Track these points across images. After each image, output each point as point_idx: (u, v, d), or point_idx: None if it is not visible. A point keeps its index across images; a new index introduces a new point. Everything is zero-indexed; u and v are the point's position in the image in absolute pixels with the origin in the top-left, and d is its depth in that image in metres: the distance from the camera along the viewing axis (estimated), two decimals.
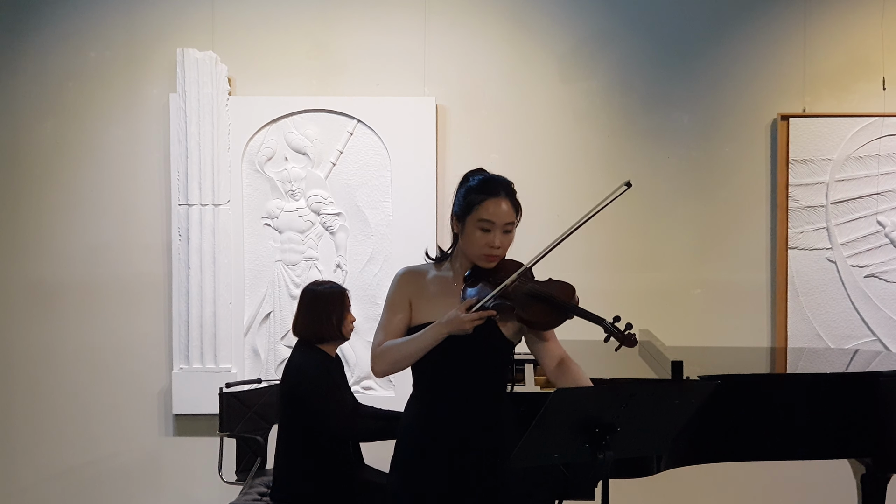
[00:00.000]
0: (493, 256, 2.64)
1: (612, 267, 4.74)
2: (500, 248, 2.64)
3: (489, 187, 2.66)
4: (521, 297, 2.61)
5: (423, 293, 2.68)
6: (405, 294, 2.68)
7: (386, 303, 2.71)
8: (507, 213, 2.65)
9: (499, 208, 2.63)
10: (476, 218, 2.62)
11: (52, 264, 4.80)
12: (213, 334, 4.68)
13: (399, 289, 2.70)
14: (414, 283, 2.70)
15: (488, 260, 2.64)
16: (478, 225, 2.62)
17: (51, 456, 4.83)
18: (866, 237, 4.66)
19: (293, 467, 3.52)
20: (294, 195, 4.71)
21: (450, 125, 4.74)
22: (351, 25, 4.75)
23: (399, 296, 2.69)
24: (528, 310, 2.61)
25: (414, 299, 2.68)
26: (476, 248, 2.63)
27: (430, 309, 2.66)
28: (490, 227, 2.62)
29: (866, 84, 4.67)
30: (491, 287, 2.60)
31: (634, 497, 4.32)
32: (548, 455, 2.68)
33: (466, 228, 2.64)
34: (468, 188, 2.68)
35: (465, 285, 2.64)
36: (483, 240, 2.62)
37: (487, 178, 2.70)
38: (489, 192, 2.64)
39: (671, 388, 2.82)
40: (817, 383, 3.45)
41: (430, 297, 2.68)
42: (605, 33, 4.73)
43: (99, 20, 4.77)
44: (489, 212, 2.62)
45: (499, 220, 2.63)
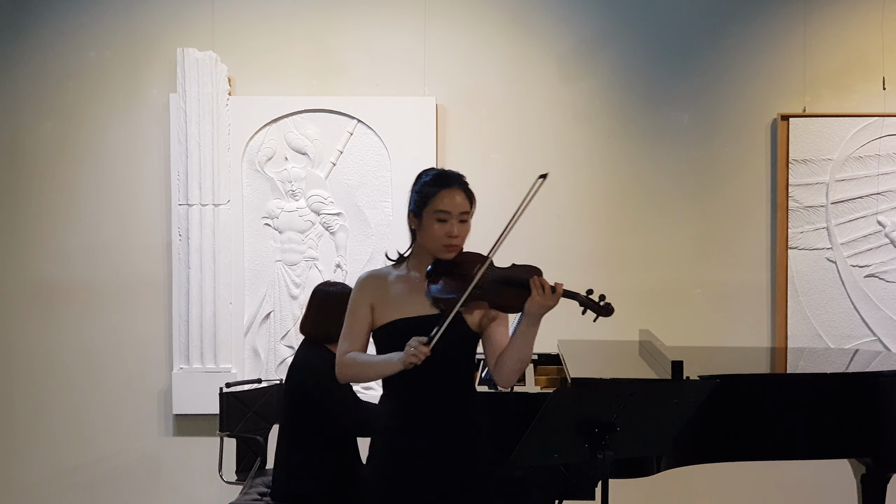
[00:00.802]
0: (452, 247, 2.69)
1: (612, 267, 4.74)
2: (458, 238, 2.70)
3: (442, 180, 2.73)
4: (491, 286, 2.66)
5: (386, 295, 2.72)
6: (366, 300, 2.72)
7: (348, 310, 2.76)
8: (461, 203, 2.71)
9: (453, 199, 2.70)
10: (432, 210, 2.68)
11: (52, 264, 4.80)
12: (213, 334, 4.68)
13: (360, 296, 2.74)
14: (376, 287, 2.74)
15: (448, 250, 2.69)
16: (434, 216, 2.68)
17: (51, 456, 4.83)
18: (866, 237, 4.66)
19: (296, 465, 3.52)
20: (294, 195, 4.71)
21: (450, 125, 4.74)
22: (351, 25, 4.75)
23: (359, 303, 2.73)
24: (500, 295, 2.65)
25: (377, 302, 2.72)
26: (435, 240, 2.68)
27: (396, 308, 2.69)
28: (446, 218, 2.68)
29: (866, 84, 4.67)
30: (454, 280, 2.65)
31: (634, 497, 4.32)
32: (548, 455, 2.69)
33: (424, 222, 2.70)
34: (422, 184, 2.74)
35: (427, 281, 2.67)
36: (441, 230, 2.67)
37: (440, 172, 2.78)
38: (442, 184, 2.71)
39: (671, 388, 2.83)
40: (817, 383, 3.45)
41: (395, 296, 2.71)
42: (605, 33, 4.73)
43: (99, 20, 4.77)
44: (444, 202, 2.68)
45: (454, 209, 2.69)
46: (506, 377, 2.70)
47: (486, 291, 2.64)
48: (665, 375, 3.22)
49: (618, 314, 2.78)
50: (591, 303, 2.66)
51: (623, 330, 4.45)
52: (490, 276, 2.67)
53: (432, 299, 2.64)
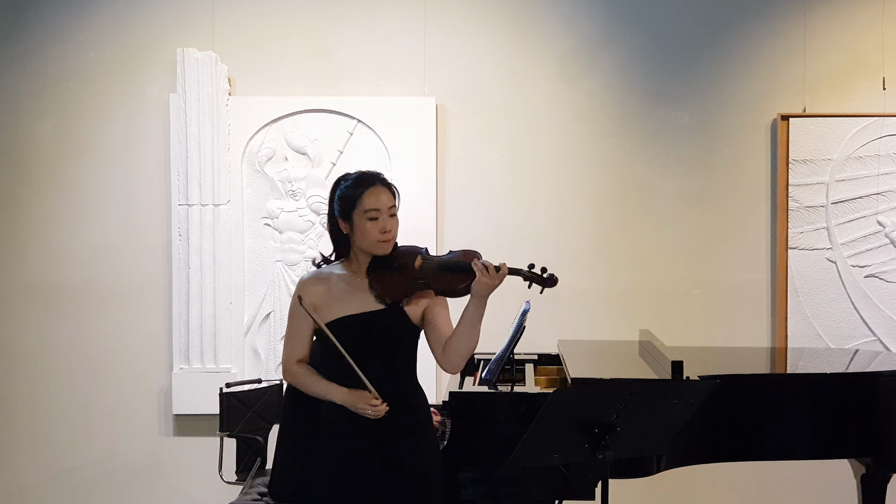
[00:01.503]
0: (386, 241, 2.81)
1: (613, 267, 4.74)
2: (390, 232, 2.82)
3: (364, 180, 2.84)
4: (432, 273, 2.81)
5: (329, 293, 2.81)
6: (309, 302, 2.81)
7: (290, 313, 2.87)
8: (387, 199, 2.82)
9: (379, 196, 2.80)
10: (361, 210, 2.79)
11: (52, 264, 4.80)
12: (213, 334, 4.68)
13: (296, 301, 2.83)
14: (317, 289, 2.83)
15: (383, 246, 2.81)
16: (365, 216, 2.78)
17: (51, 456, 4.83)
18: (866, 237, 4.66)
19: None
20: (294, 195, 4.72)
21: (450, 125, 4.74)
22: (351, 25, 4.75)
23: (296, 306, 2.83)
24: (442, 281, 2.79)
25: (320, 302, 2.81)
26: (369, 237, 2.79)
27: (341, 306, 2.80)
28: (377, 215, 2.79)
29: (866, 84, 4.67)
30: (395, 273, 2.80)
31: (634, 497, 4.32)
32: (548, 455, 2.69)
33: (355, 224, 2.80)
34: (344, 188, 2.84)
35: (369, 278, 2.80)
36: (374, 228, 2.79)
37: (359, 174, 2.87)
38: (366, 184, 2.82)
39: (671, 388, 2.83)
40: (817, 383, 3.45)
41: (338, 294, 2.81)
42: (605, 33, 4.73)
43: (99, 20, 4.77)
44: (371, 201, 2.79)
45: (382, 205, 2.80)
46: (454, 362, 2.81)
47: (431, 279, 2.80)
48: (665, 375, 3.22)
49: (618, 314, 2.80)
50: (534, 276, 2.76)
51: (623, 330, 4.46)
52: (431, 263, 2.82)
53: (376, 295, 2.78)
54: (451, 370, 2.87)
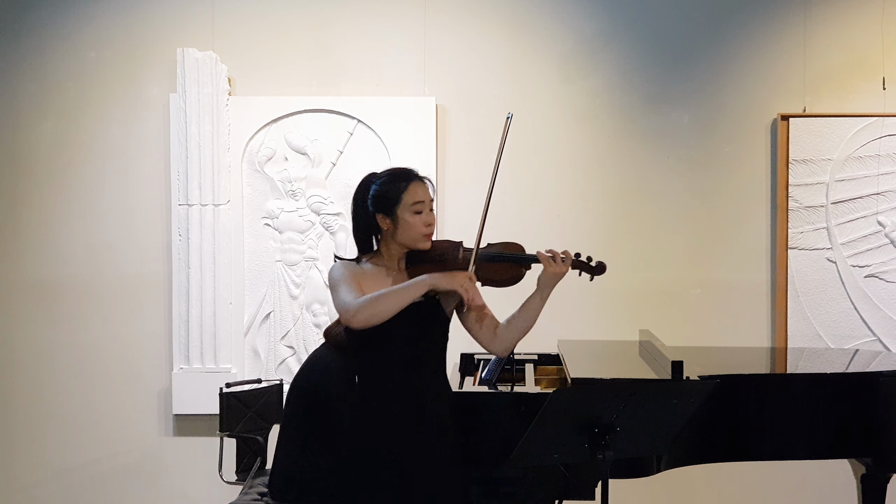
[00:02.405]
0: (430, 234, 2.83)
1: (613, 267, 4.70)
2: (433, 225, 2.83)
3: (404, 175, 2.84)
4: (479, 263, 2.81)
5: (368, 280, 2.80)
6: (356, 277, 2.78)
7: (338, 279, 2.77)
8: (427, 192, 2.83)
9: (422, 189, 2.82)
10: (407, 204, 2.79)
11: (52, 264, 4.80)
12: (213, 334, 4.68)
13: (348, 272, 2.79)
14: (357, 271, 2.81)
15: (427, 239, 2.82)
16: (411, 209, 2.79)
17: (51, 456, 4.83)
18: (866, 237, 4.66)
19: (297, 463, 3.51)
20: (294, 195, 4.72)
21: (450, 125, 4.74)
22: (351, 25, 4.75)
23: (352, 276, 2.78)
24: (490, 271, 2.83)
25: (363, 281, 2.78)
26: (414, 231, 2.79)
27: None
28: (422, 208, 2.80)
29: (866, 84, 4.67)
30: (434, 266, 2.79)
31: (634, 497, 4.32)
32: (548, 455, 2.69)
33: (400, 218, 2.79)
34: (381, 184, 2.83)
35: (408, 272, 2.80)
36: (420, 221, 2.79)
37: (395, 170, 2.88)
38: (408, 178, 2.83)
39: (671, 388, 2.83)
40: (817, 383, 3.45)
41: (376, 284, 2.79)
42: (605, 33, 4.73)
43: (99, 20, 4.77)
44: (417, 193, 2.80)
45: (426, 198, 2.81)
46: (507, 346, 2.89)
47: (477, 269, 2.80)
48: (665, 375, 3.22)
49: (618, 314, 2.81)
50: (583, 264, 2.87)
51: (623, 330, 4.46)
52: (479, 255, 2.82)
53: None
54: (502, 354, 2.95)
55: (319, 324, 4.67)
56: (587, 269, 2.86)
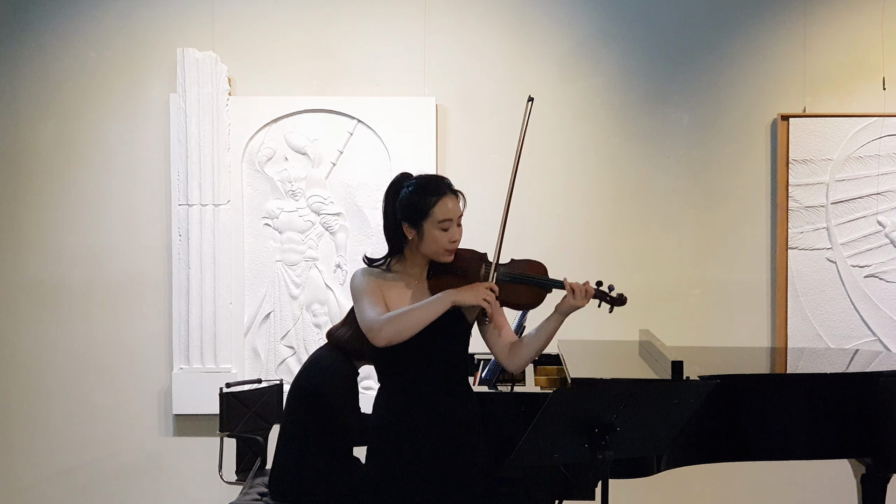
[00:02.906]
0: (453, 251, 2.79)
1: (613, 267, 4.73)
2: (457, 241, 2.80)
3: (436, 188, 2.78)
4: (501, 283, 2.77)
5: (390, 291, 2.78)
6: (378, 288, 2.77)
7: (361, 291, 2.76)
8: (457, 207, 2.78)
9: (451, 205, 2.77)
10: (435, 220, 2.74)
11: (52, 264, 4.80)
12: (213, 334, 4.68)
13: (370, 281, 2.78)
14: (380, 280, 2.79)
15: (450, 254, 2.78)
16: (438, 226, 2.74)
17: (51, 456, 4.83)
18: (866, 237, 4.66)
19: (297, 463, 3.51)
20: (294, 195, 4.72)
21: (450, 125, 4.74)
22: (351, 25, 4.75)
23: (373, 287, 2.76)
24: (512, 294, 2.78)
25: (385, 292, 2.77)
26: (438, 246, 2.75)
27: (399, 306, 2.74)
28: (448, 226, 2.75)
29: (866, 84, 4.67)
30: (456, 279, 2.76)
31: (634, 497, 4.32)
32: (548, 455, 2.69)
33: (425, 232, 2.74)
34: (411, 194, 2.76)
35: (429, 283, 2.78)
36: (444, 237, 2.75)
37: (428, 179, 2.82)
38: (439, 193, 2.76)
39: (671, 388, 2.83)
40: (817, 383, 3.45)
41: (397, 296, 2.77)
42: (605, 33, 4.73)
43: (99, 20, 4.77)
44: (446, 211, 2.75)
45: (455, 215, 2.76)
46: (521, 364, 2.86)
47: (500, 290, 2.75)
48: (665, 375, 3.22)
49: (618, 314, 2.81)
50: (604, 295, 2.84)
51: (623, 330, 4.45)
52: (500, 274, 2.79)
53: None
54: (516, 371, 2.93)
55: (319, 324, 4.67)
56: (607, 300, 2.84)
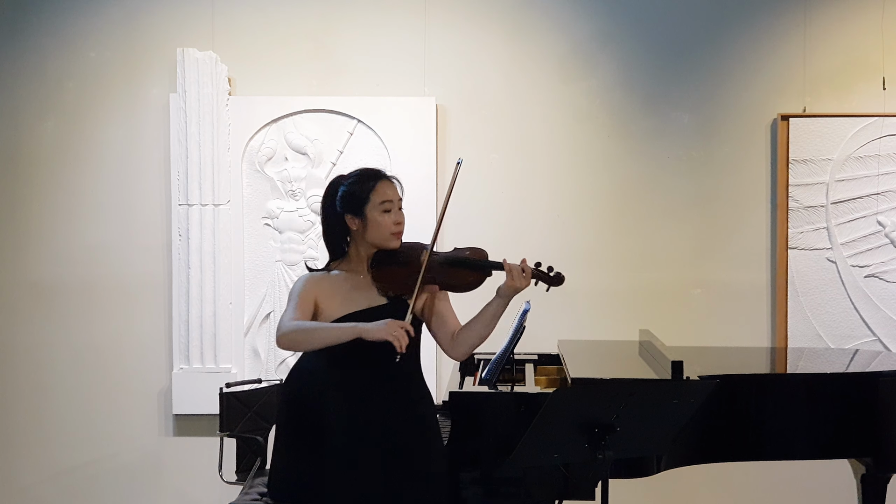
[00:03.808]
0: (399, 234, 2.85)
1: (613, 267, 4.74)
2: (402, 224, 2.86)
3: (372, 175, 2.87)
4: (439, 268, 2.82)
5: (333, 292, 2.81)
6: (312, 293, 2.80)
7: (292, 295, 2.81)
8: (396, 191, 2.86)
9: (390, 188, 2.85)
10: (375, 203, 2.81)
11: (52, 264, 4.80)
12: (213, 334, 4.68)
13: (306, 288, 2.81)
14: (321, 285, 2.83)
15: (396, 238, 2.85)
16: (380, 208, 2.81)
17: (51, 456, 4.83)
18: (866, 237, 4.66)
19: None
20: (294, 195, 4.72)
21: (450, 125, 4.74)
22: (351, 25, 4.75)
23: (307, 293, 2.80)
24: (450, 276, 2.82)
25: (323, 299, 2.80)
26: (384, 230, 2.82)
27: (345, 303, 2.80)
28: (391, 207, 2.83)
29: (866, 84, 4.67)
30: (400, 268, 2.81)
31: (634, 497, 4.32)
32: (548, 455, 2.69)
33: (368, 217, 2.81)
34: (349, 185, 2.85)
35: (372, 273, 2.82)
36: (388, 220, 2.82)
37: (363, 170, 2.90)
38: (376, 178, 2.85)
39: (671, 388, 2.83)
40: (817, 383, 3.45)
41: (341, 292, 2.81)
42: (605, 33, 4.73)
43: (99, 20, 4.77)
44: (386, 193, 2.83)
45: (395, 197, 2.85)
46: (464, 351, 2.89)
47: (437, 273, 2.81)
48: (665, 375, 3.21)
49: (618, 314, 2.81)
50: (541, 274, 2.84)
51: (623, 330, 4.45)
52: (437, 259, 2.84)
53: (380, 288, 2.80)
54: (459, 358, 2.95)
55: None
56: (546, 280, 2.84)
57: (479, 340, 2.86)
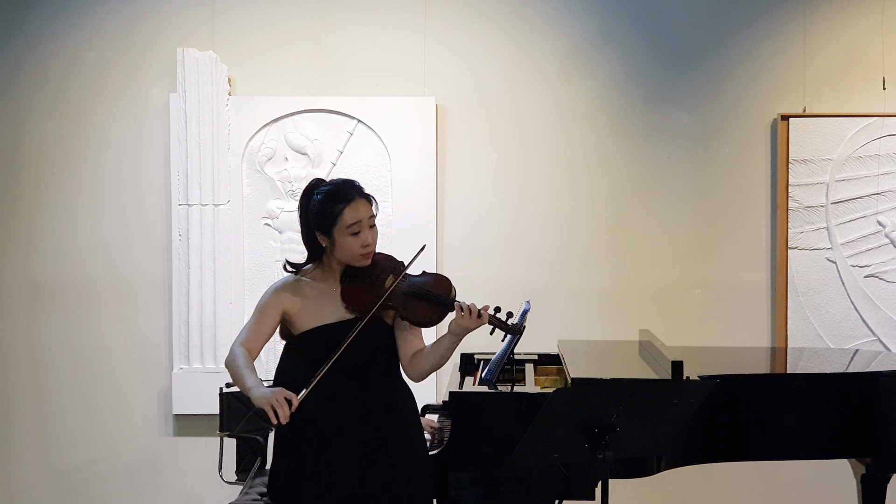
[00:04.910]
0: (368, 254, 2.81)
1: (612, 267, 4.74)
2: (371, 245, 2.81)
3: (342, 194, 2.79)
4: (400, 296, 2.80)
5: (302, 303, 2.81)
6: (279, 306, 2.81)
7: (256, 308, 2.84)
8: (366, 210, 2.80)
9: (359, 210, 2.78)
10: (343, 226, 2.77)
11: (52, 264, 4.80)
12: (213, 334, 4.68)
13: (273, 301, 2.82)
14: (292, 295, 2.82)
15: (365, 258, 2.81)
16: (347, 231, 2.77)
17: (51, 456, 4.83)
18: (866, 237, 4.66)
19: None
20: (294, 195, 4.72)
21: (450, 125, 4.74)
22: (351, 25, 4.75)
23: (272, 307, 2.82)
24: (410, 309, 2.80)
25: (292, 311, 2.81)
26: (351, 252, 2.79)
27: (314, 316, 2.80)
28: (358, 229, 2.78)
29: (866, 84, 4.67)
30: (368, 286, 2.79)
31: (634, 497, 4.32)
32: (548, 455, 2.69)
33: (336, 239, 2.78)
34: (320, 202, 2.80)
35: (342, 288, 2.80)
36: (356, 243, 2.78)
37: (335, 186, 2.83)
38: (345, 199, 2.78)
39: (671, 388, 2.83)
40: (817, 383, 3.45)
41: (311, 304, 2.81)
42: (605, 33, 4.73)
43: (99, 20, 4.77)
44: (353, 215, 2.77)
45: (363, 217, 2.78)
46: (417, 376, 2.87)
47: (398, 302, 2.79)
48: (665, 375, 3.22)
49: (618, 314, 2.81)
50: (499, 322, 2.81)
51: (623, 330, 4.46)
52: (403, 287, 2.80)
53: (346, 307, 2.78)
54: (415, 380, 2.91)
55: None
56: (502, 328, 2.82)
57: (432, 369, 2.84)
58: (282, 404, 2.58)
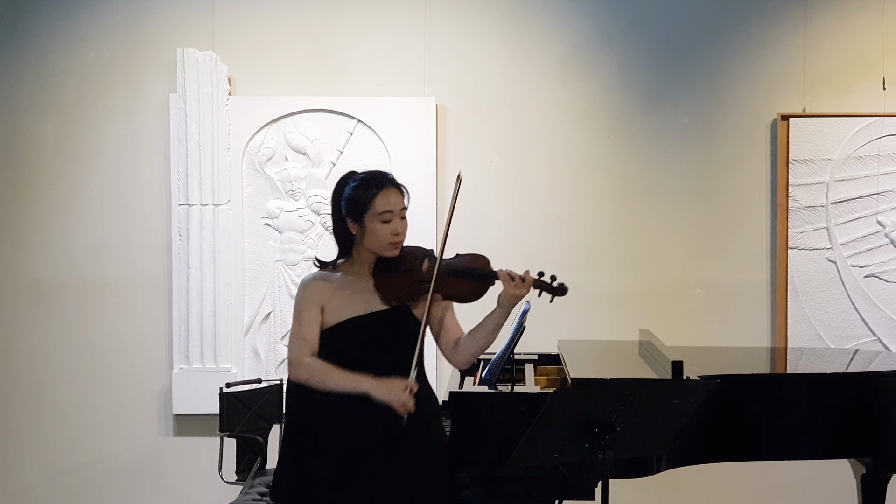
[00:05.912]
0: (398, 244, 2.80)
1: (612, 267, 4.74)
2: (401, 234, 2.81)
3: (376, 181, 2.81)
4: (443, 279, 2.80)
5: (334, 296, 2.80)
6: (316, 301, 2.80)
7: (296, 311, 2.83)
8: (399, 200, 2.80)
9: (392, 197, 2.78)
10: (375, 213, 2.77)
11: (52, 264, 4.80)
12: (213, 334, 4.68)
13: (309, 297, 2.81)
14: (323, 289, 2.82)
15: (394, 248, 2.81)
16: (378, 218, 2.77)
17: (51, 456, 4.83)
18: (866, 237, 4.66)
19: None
20: (294, 195, 4.72)
21: (450, 125, 4.74)
22: (351, 25, 4.75)
23: (310, 304, 2.80)
24: (453, 287, 2.81)
25: (326, 304, 2.80)
26: (381, 240, 2.78)
27: (346, 308, 2.79)
28: (390, 217, 2.78)
29: (866, 84, 4.67)
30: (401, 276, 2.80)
31: (634, 497, 4.32)
32: (548, 455, 2.69)
33: (367, 226, 2.78)
34: (353, 189, 2.81)
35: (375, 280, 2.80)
36: (386, 230, 2.78)
37: (370, 174, 2.85)
38: (378, 186, 2.80)
39: (671, 388, 2.83)
40: (817, 383, 3.45)
41: (343, 297, 2.80)
42: (605, 33, 4.73)
43: (99, 20, 4.77)
44: (385, 203, 2.77)
45: (395, 207, 2.78)
46: (466, 360, 2.88)
47: (438, 283, 2.79)
48: (665, 375, 3.21)
49: (618, 314, 2.81)
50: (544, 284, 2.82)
51: (623, 330, 4.46)
52: (442, 269, 2.80)
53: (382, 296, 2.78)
54: (461, 367, 2.94)
55: None
56: (548, 290, 2.83)
57: (479, 350, 2.86)
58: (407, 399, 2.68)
